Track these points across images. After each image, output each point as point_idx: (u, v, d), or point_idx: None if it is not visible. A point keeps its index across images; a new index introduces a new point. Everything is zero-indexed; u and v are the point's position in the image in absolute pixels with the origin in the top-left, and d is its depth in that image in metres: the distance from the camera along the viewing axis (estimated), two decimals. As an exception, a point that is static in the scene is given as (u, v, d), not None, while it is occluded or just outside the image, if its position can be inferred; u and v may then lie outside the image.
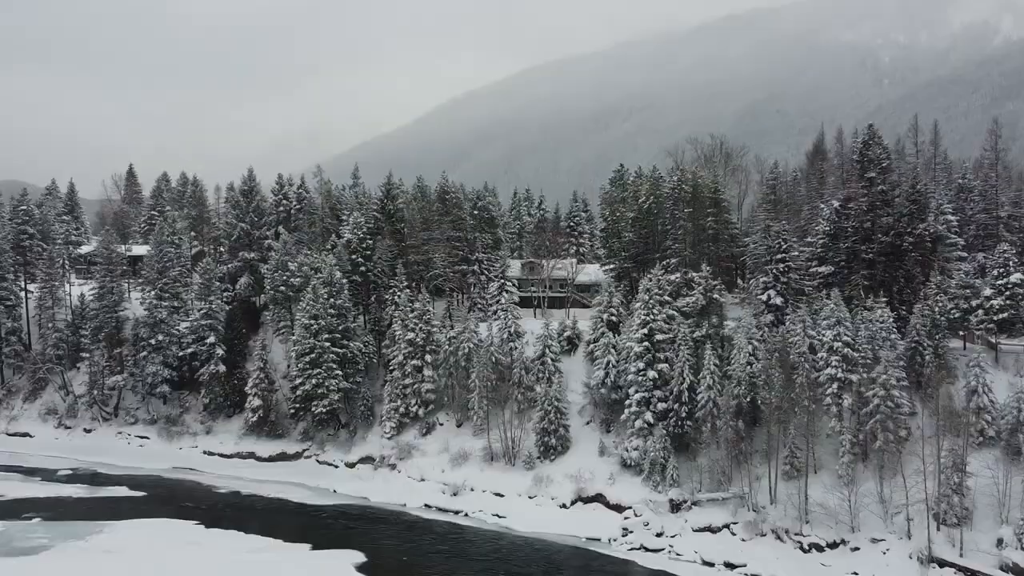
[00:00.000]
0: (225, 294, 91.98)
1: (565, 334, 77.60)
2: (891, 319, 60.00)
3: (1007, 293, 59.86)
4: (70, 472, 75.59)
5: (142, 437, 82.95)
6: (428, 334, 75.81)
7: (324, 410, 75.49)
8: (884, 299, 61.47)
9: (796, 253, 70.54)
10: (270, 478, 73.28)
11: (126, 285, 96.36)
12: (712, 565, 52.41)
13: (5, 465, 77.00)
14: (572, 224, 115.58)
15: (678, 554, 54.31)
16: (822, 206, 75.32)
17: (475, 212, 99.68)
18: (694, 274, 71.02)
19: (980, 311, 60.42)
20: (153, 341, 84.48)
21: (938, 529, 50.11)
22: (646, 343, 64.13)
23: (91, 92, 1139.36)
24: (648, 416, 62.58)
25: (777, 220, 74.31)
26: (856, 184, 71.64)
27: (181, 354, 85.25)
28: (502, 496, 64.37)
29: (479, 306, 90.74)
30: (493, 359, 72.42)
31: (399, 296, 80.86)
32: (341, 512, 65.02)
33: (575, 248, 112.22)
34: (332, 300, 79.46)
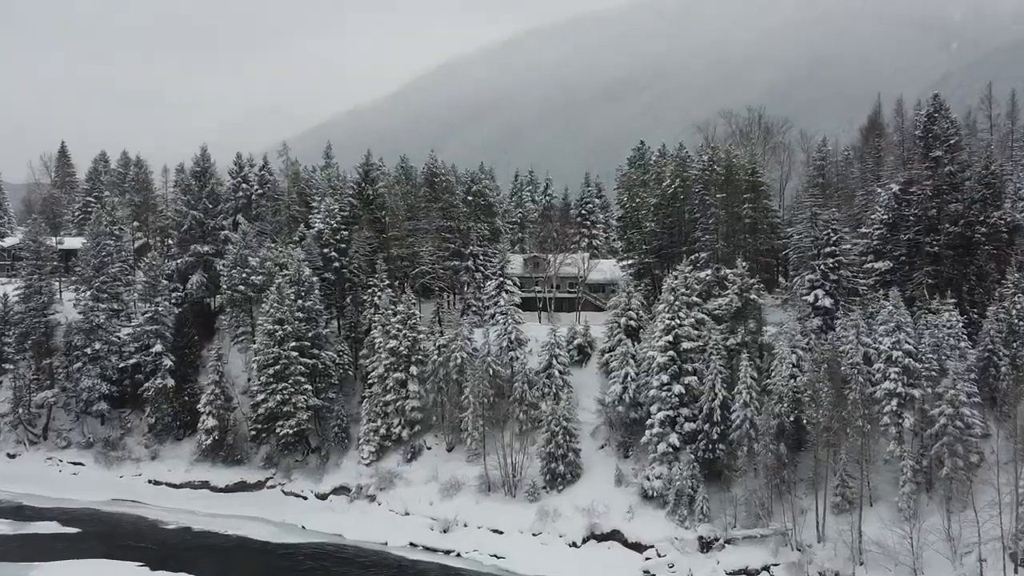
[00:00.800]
0: (174, 295, 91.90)
1: (575, 342, 77.58)
2: (960, 324, 59.85)
3: (1098, 293, 59.68)
4: (-10, 505, 75.51)
5: (76, 463, 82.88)
6: (414, 342, 75.78)
7: (291, 432, 75.44)
8: (952, 300, 61.34)
9: (848, 246, 70.44)
10: (227, 511, 73.18)
11: (57, 284, 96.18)
12: (749, 614, 52.30)
13: (-89, 497, 76.83)
14: (584, 212, 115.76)
15: (709, 601, 54.21)
16: (879, 191, 75.20)
17: (469, 198, 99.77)
18: (727, 271, 70.89)
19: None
20: (89, 350, 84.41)
21: (1015, 571, 49.94)
22: (671, 352, 64.07)
23: (16, 55, 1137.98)
24: (673, 438, 62.51)
25: (826, 207, 74.22)
26: (919, 165, 71.56)
27: (122, 366, 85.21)
28: (501, 533, 64.34)
29: (474, 309, 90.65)
30: (491, 371, 72.40)
31: (379, 297, 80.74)
32: (311, 552, 64.94)
33: (587, 240, 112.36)
34: (300, 302, 79.42)
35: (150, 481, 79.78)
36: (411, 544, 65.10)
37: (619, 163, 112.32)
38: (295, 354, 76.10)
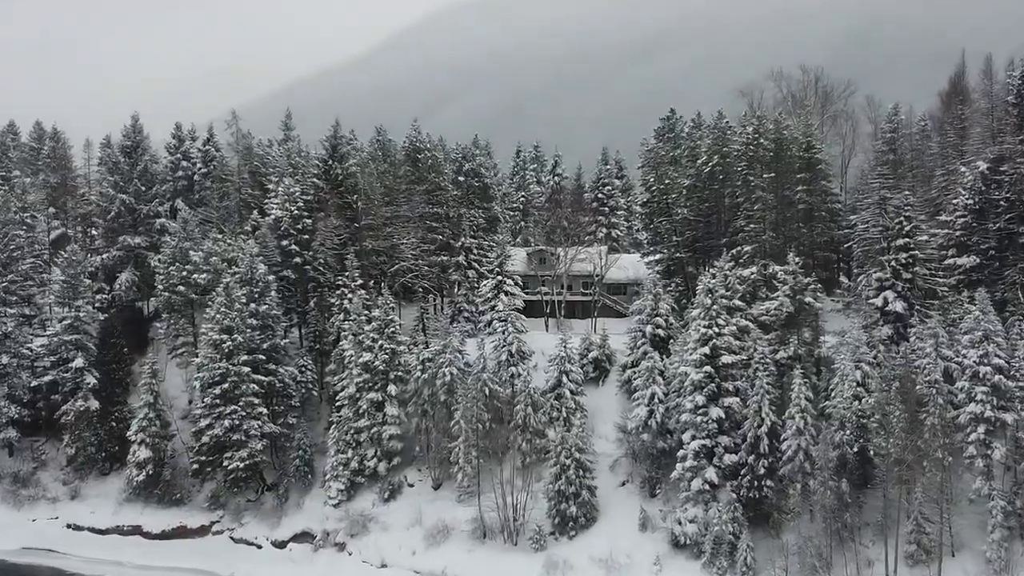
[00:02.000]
0: (99, 297, 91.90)
1: (590, 355, 77.46)
2: (1063, 333, 59.76)
3: None
4: None
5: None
6: (392, 355, 75.74)
7: (242, 465, 75.38)
8: (1053, 304, 61.25)
9: (925, 238, 70.42)
10: (163, 563, 73.09)
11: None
12: None
13: None
14: (601, 196, 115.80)
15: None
16: (963, 170, 75.13)
17: (461, 178, 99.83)
18: (777, 268, 70.84)
19: None
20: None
21: None
22: (707, 368, 63.99)
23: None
24: (710, 473, 62.41)
25: (898, 189, 74.19)
26: (1012, 138, 71.51)
27: (35, 384, 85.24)
28: (499, 589, 64.12)
29: (466, 314, 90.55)
30: (486, 391, 72.31)
31: (350, 300, 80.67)
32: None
33: (605, 231, 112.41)
34: (253, 306, 79.43)
35: (69, 526, 79.69)
36: (389, 603, 65.02)
37: (644, 135, 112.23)
38: (247, 370, 76.02)
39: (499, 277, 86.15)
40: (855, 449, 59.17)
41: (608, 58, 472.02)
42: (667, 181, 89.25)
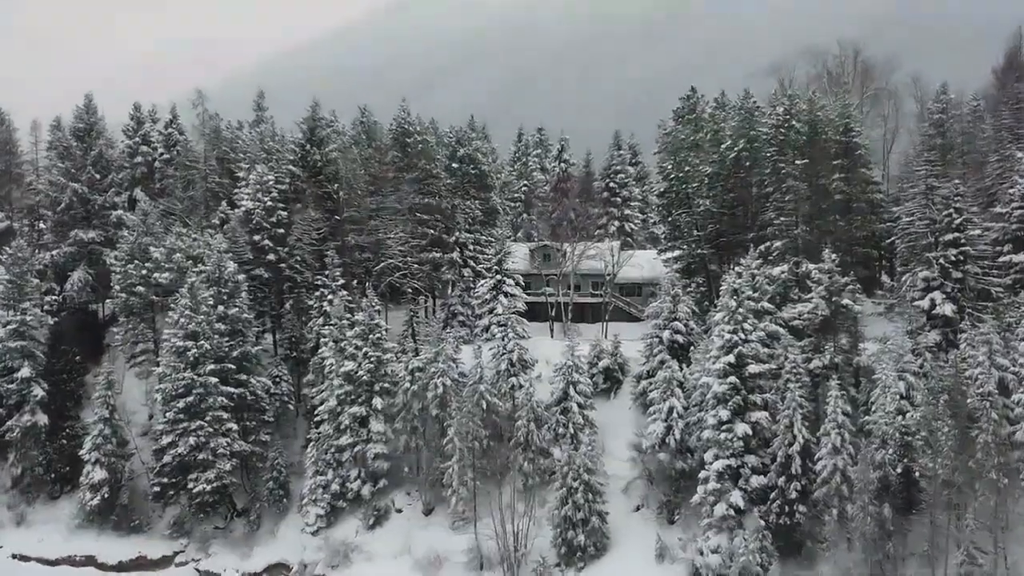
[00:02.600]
0: (48, 299, 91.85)
1: (601, 364, 77.48)
2: None
3: None
4: None
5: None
6: (378, 364, 75.72)
7: (208, 488, 75.33)
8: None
9: (978, 232, 70.30)
10: (120, 598, 73.09)
11: None
12: None
13: None
14: (613, 185, 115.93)
15: None
16: (1020, 155, 75.01)
17: (455, 165, 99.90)
18: (811, 266, 70.76)
19: None
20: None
21: None
22: (732, 379, 63.92)
23: None
24: (736, 497, 62.34)
25: (947, 178, 74.10)
26: (1075, 119, 71.35)
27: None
28: (498, 628, 64.17)
29: (461, 318, 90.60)
30: (484, 405, 72.29)
31: (331, 302, 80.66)
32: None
33: (617, 224, 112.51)
34: (222, 308, 79.44)
35: (14, 555, 79.56)
36: (374, 643, 64.99)
37: (661, 117, 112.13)
38: (214, 381, 76.00)
39: (498, 276, 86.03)
40: (898, 470, 58.98)
41: (621, 31, 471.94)
42: (687, 168, 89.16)
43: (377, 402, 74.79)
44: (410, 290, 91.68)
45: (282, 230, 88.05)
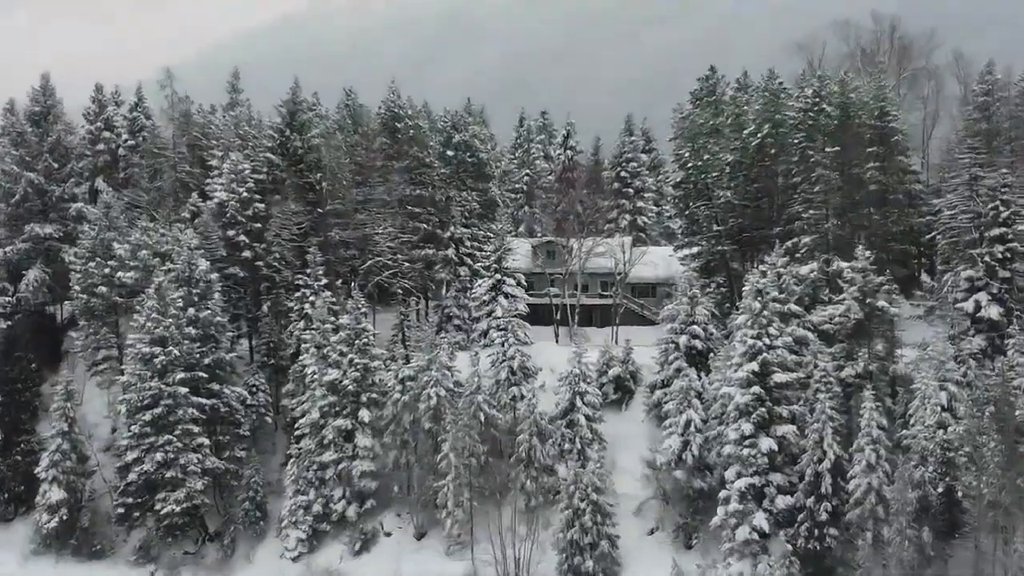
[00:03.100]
0: (0, 300, 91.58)
1: (611, 372, 77.45)
2: None
3: None
4: None
5: None
6: (365, 372, 75.64)
7: (178, 509, 75.19)
8: None
9: (1027, 226, 70.14)
10: (81, 630, 72.94)
11: None
12: None
13: None
14: (624, 174, 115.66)
15: None
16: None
17: (450, 153, 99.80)
18: (843, 264, 70.70)
19: None
20: None
21: None
22: (756, 389, 63.87)
23: None
24: (760, 519, 62.32)
25: (993, 167, 73.95)
26: None
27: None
28: (497, 663, 64.14)
29: (457, 322, 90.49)
30: (482, 417, 72.21)
31: (313, 304, 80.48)
32: None
33: (629, 218, 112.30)
34: (192, 311, 79.31)
35: (-36, 584, 79.53)
36: None
37: (678, 100, 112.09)
38: (184, 391, 75.87)
39: (497, 276, 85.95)
40: (939, 489, 58.99)
41: (634, 4, 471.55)
42: (706, 156, 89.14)
43: (364, 414, 74.66)
44: (400, 291, 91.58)
45: (259, 224, 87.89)
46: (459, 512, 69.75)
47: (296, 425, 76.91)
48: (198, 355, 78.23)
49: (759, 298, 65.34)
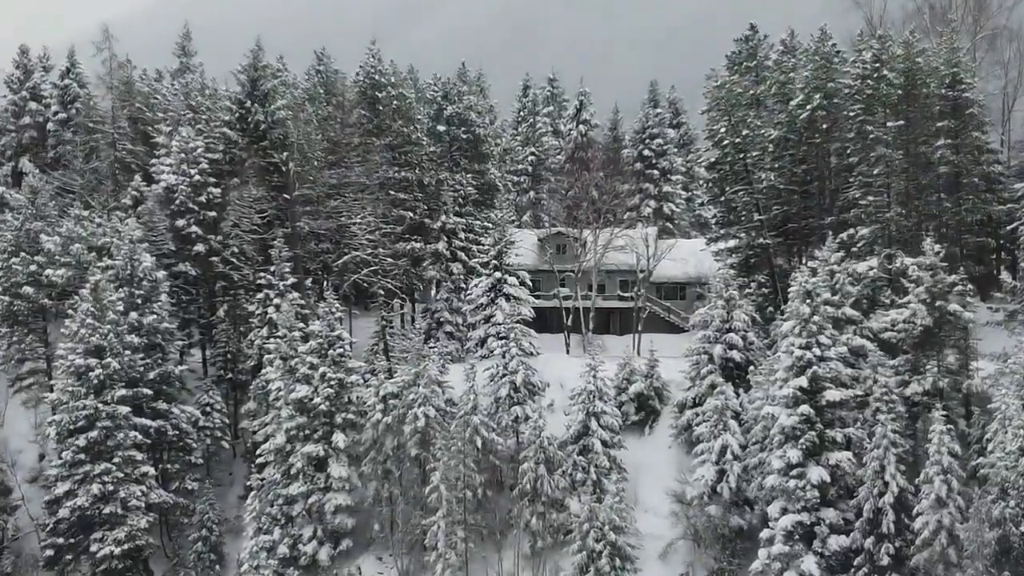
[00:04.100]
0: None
1: (632, 388, 77.50)
2: None
3: None
4: None
5: None
6: (340, 388, 75.61)
7: (118, 551, 75.07)
8: None
9: None
10: None
11: None
12: None
13: None
14: (648, 153, 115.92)
15: None
16: None
17: (441, 128, 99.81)
18: (908, 260, 70.54)
19: None
20: None
21: None
22: (805, 408, 63.76)
23: None
24: (810, 564, 62.19)
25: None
26: None
27: None
28: None
29: (449, 328, 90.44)
30: (479, 442, 72.12)
31: (278, 307, 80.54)
32: None
33: (654, 205, 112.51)
34: (135, 315, 79.36)
35: None
36: None
37: (712, 65, 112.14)
38: (125, 411, 75.85)
39: (497, 274, 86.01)
40: (1022, 528, 58.90)
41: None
42: (746, 132, 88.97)
43: (339, 439, 74.59)
44: (382, 291, 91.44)
45: (214, 213, 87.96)
46: (452, 555, 69.60)
47: (258, 451, 76.81)
48: (142, 368, 78.28)
49: (808, 300, 65.21)
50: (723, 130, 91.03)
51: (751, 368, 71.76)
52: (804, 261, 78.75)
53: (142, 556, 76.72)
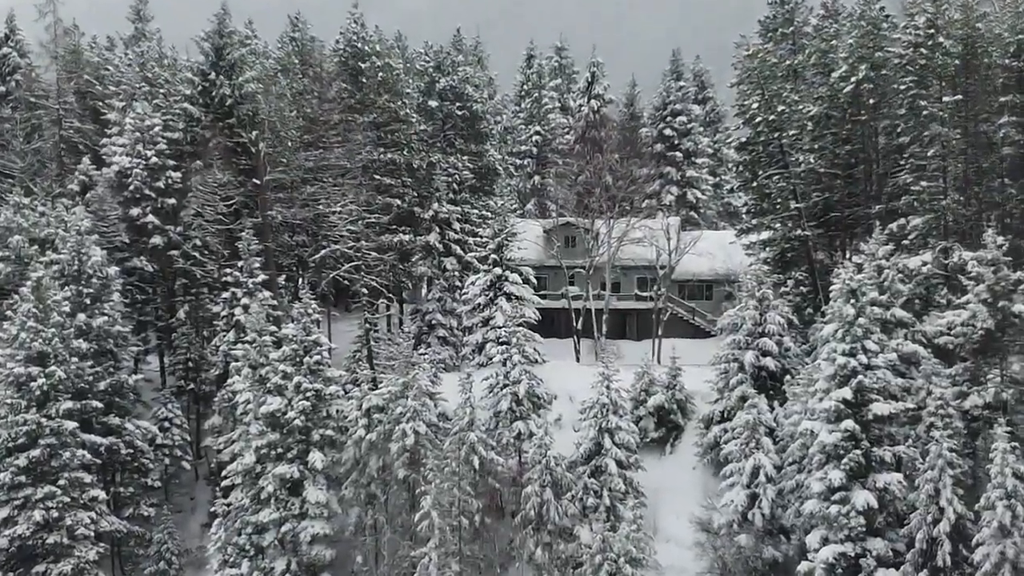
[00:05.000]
0: None
1: (652, 400, 77.77)
2: None
3: None
4: None
5: None
6: (317, 401, 75.65)
7: (63, 586, 75.47)
8: None
9: None
10: None
11: None
12: None
13: None
14: (670, 132, 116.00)
15: None
16: None
17: (433, 104, 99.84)
18: (967, 255, 70.54)
19: None
20: None
21: None
22: (849, 423, 63.76)
23: None
24: (854, 601, 62.37)
25: None
26: None
27: None
28: None
29: (442, 332, 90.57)
30: (476, 463, 72.15)
31: (246, 307, 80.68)
32: None
33: (676, 191, 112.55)
34: (84, 318, 79.46)
35: None
36: None
37: (742, 31, 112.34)
38: (72, 426, 75.80)
39: (497, 270, 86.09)
40: (1100, 562, 58.99)
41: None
42: (782, 108, 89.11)
43: (316, 458, 74.57)
44: (365, 290, 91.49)
45: (174, 200, 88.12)
46: (445, 590, 69.95)
47: (224, 473, 76.80)
48: (91, 377, 78.29)
49: (853, 300, 65.22)
50: (755, 106, 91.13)
51: (787, 378, 71.87)
52: (848, 255, 78.77)
53: (91, 591, 77.16)
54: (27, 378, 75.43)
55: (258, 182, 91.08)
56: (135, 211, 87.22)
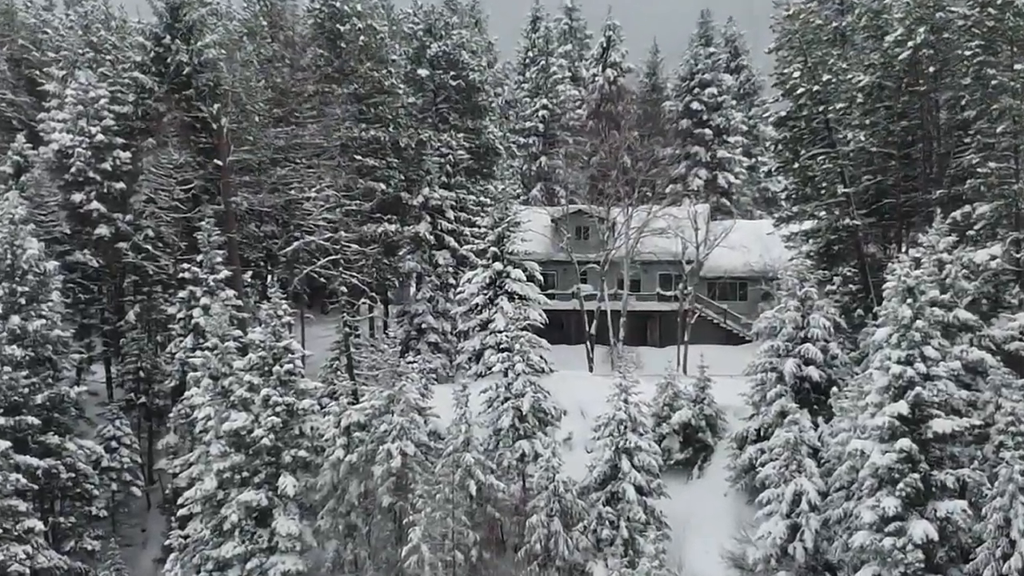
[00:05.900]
0: None
1: (676, 416, 77.88)
2: None
3: None
4: None
5: None
6: (289, 416, 75.70)
7: (-6, 630, 75.58)
8: None
9: None
10: None
11: None
12: None
13: None
14: (697, 106, 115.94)
15: None
16: None
17: (423, 73, 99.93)
18: (1042, 248, 70.66)
19: None
20: None
21: None
22: (905, 442, 63.76)
23: None
24: (911, 649, 62.37)
25: None
26: None
27: None
28: None
29: (433, 338, 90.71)
30: (472, 488, 72.19)
31: (206, 308, 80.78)
32: None
33: (705, 175, 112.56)
34: (18, 320, 79.52)
35: None
36: None
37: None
38: (4, 446, 75.86)
39: (498, 265, 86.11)
40: None
41: None
42: (827, 78, 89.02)
43: (287, 483, 74.59)
44: (344, 289, 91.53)
45: (122, 184, 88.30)
46: (436, 636, 70.01)
47: (180, 500, 76.93)
48: (26, 390, 78.24)
49: (910, 300, 65.21)
50: (797, 75, 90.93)
51: (833, 390, 71.68)
52: (904, 248, 78.77)
53: (27, 638, 77.30)
54: (-49, 390, 75.74)
55: (220, 163, 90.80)
56: (77, 197, 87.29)
